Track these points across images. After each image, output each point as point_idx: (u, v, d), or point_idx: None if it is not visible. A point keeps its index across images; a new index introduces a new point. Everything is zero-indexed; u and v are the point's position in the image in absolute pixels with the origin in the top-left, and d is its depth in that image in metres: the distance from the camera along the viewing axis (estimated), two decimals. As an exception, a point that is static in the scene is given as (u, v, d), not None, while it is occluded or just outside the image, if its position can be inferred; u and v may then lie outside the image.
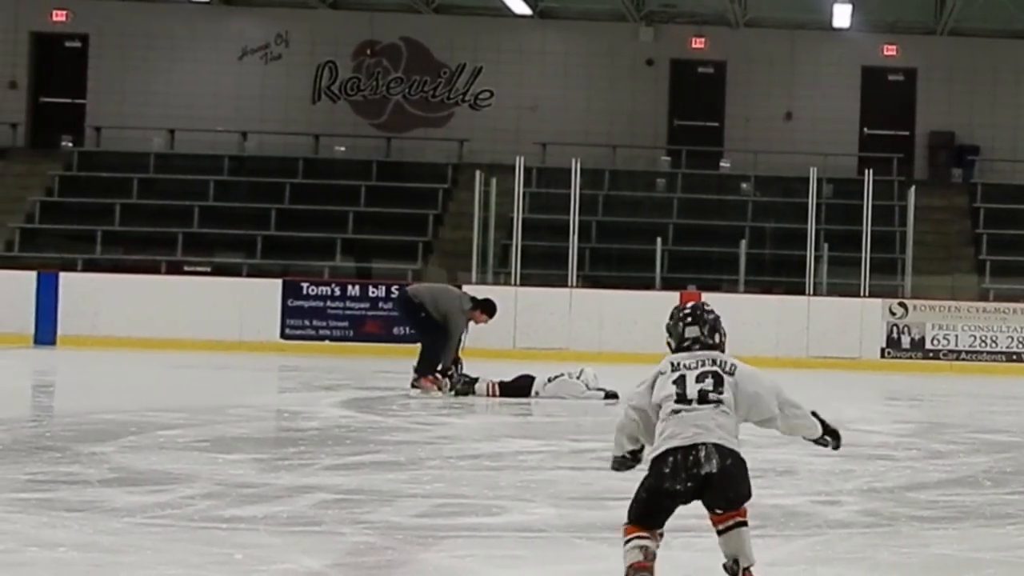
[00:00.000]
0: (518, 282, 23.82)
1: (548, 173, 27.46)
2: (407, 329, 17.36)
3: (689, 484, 5.71)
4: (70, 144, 29.67)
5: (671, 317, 6.11)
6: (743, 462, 5.79)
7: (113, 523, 7.51)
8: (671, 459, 5.74)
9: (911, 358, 22.90)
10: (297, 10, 30.71)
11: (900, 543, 7.65)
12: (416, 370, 15.90)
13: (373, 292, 23.20)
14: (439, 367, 15.83)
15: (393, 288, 22.96)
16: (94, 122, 30.08)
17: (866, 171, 25.07)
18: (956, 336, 23.03)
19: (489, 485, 9.14)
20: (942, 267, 26.77)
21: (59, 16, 30.57)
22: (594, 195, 27.26)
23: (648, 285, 24.54)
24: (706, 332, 6.01)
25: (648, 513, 5.77)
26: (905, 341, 22.99)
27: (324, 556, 6.87)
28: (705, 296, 23.46)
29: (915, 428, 14.29)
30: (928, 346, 23.00)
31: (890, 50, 30.51)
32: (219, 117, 29.77)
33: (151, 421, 12.32)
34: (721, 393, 5.82)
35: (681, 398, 5.81)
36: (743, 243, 25.30)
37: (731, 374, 5.89)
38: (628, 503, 6.04)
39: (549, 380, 15.56)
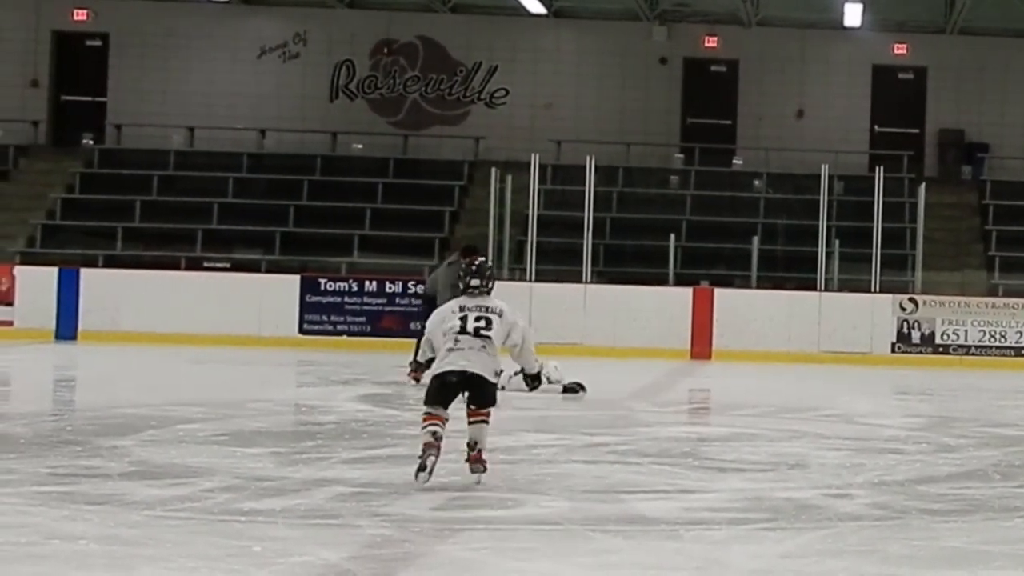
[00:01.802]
0: (533, 278, 23.88)
1: (563, 170, 27.49)
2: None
3: (458, 379, 8.85)
4: (91, 142, 29.67)
5: (462, 269, 9.37)
6: (490, 382, 8.95)
7: (133, 516, 7.64)
8: (446, 372, 8.86)
9: (921, 353, 22.94)
10: (315, 9, 30.76)
11: (910, 536, 7.77)
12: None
13: (390, 288, 23.30)
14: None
15: (409, 284, 23.10)
16: (115, 120, 30.10)
17: (877, 168, 25.04)
18: (965, 331, 23.06)
19: (504, 478, 9.25)
20: (952, 263, 26.74)
21: (80, 15, 30.61)
22: (608, 192, 27.26)
23: (662, 281, 24.57)
24: (483, 282, 9.24)
25: (438, 397, 8.85)
26: (915, 336, 23.03)
27: (341, 548, 7.00)
28: (718, 291, 23.64)
29: (925, 422, 14.36)
30: (938, 341, 23.03)
31: (900, 49, 30.46)
32: (238, 115, 29.83)
33: (171, 415, 12.45)
34: (490, 331, 8.97)
35: (463, 330, 8.95)
36: (755, 239, 25.28)
37: (500, 316, 9.06)
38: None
39: (515, 374, 15.52)
